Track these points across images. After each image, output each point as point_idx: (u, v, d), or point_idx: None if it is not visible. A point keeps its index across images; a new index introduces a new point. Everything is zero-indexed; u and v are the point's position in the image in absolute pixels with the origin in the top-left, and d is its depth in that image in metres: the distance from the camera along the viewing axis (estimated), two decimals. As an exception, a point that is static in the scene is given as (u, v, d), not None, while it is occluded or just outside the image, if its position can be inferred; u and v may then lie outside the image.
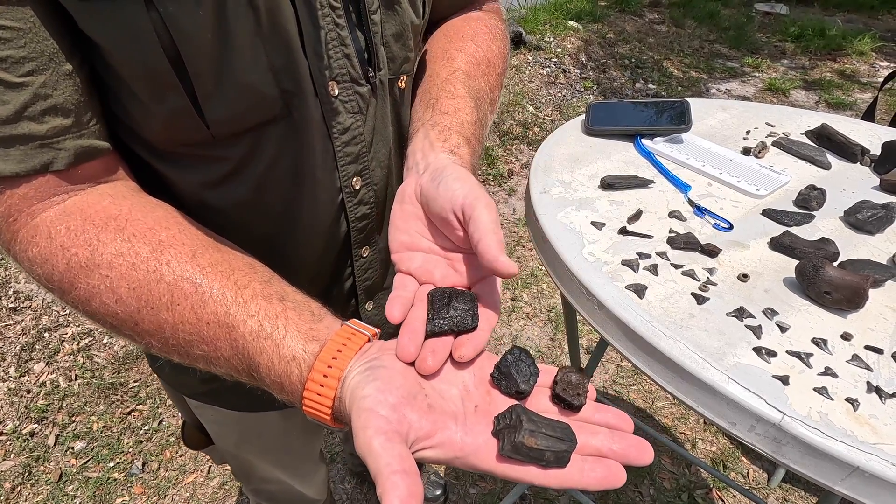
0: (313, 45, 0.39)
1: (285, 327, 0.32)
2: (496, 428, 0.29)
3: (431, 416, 0.29)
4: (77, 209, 0.35)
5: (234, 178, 0.42)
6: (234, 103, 0.37)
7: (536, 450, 0.27)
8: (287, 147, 0.42)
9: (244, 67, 0.36)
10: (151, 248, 0.34)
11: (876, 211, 0.58)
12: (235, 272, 0.35)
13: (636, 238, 0.56)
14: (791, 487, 1.31)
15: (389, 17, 0.43)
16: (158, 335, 0.34)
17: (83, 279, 0.33)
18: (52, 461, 1.31)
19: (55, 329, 1.62)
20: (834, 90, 3.26)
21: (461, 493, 1.29)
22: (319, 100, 0.41)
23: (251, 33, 0.35)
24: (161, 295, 0.33)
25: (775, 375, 0.41)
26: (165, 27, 0.32)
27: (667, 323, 0.45)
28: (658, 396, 1.52)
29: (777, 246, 0.55)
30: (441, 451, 0.29)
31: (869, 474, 0.35)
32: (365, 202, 0.49)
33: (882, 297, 0.50)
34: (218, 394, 0.59)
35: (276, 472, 0.75)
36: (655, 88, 3.14)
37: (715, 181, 0.67)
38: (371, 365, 0.30)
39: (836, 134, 0.75)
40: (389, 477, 0.25)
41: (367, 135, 0.46)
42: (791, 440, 0.38)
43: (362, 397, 0.29)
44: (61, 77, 0.33)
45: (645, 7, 4.24)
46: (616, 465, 0.29)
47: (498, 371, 0.32)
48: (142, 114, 0.37)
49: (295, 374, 0.31)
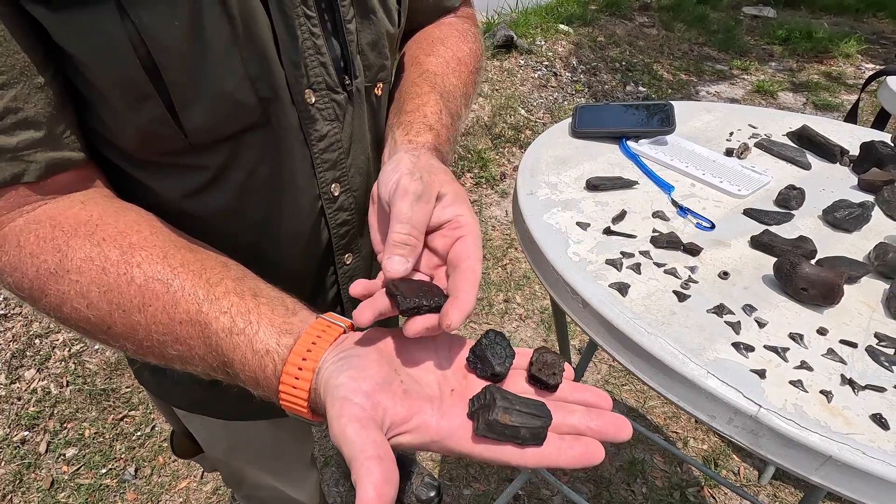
0: (289, 54, 0.39)
1: (258, 322, 0.32)
2: (471, 409, 0.29)
3: (406, 401, 0.29)
4: (47, 217, 0.35)
5: (214, 187, 0.42)
6: (211, 112, 0.37)
7: (511, 427, 0.27)
8: (266, 155, 0.42)
9: (221, 76, 0.36)
10: (122, 251, 0.34)
11: (853, 209, 0.60)
12: (207, 270, 0.35)
13: (620, 238, 0.57)
14: (781, 484, 1.33)
15: (365, 25, 0.44)
16: (132, 338, 0.34)
17: (53, 285, 0.33)
18: (44, 468, 1.30)
19: (46, 335, 1.61)
20: (821, 92, 3.31)
21: (455, 495, 1.29)
22: (296, 107, 0.42)
23: (227, 42, 0.36)
24: (132, 297, 0.33)
25: (753, 369, 0.42)
26: (140, 37, 0.33)
27: (649, 320, 0.46)
28: (650, 396, 1.53)
29: (757, 244, 0.56)
30: (417, 435, 0.29)
31: (841, 463, 0.36)
32: (345, 208, 0.49)
33: (857, 292, 0.51)
34: (205, 404, 0.59)
35: (268, 479, 0.75)
36: (646, 91, 3.17)
37: (698, 182, 0.68)
38: (345, 355, 0.31)
39: (817, 135, 0.77)
40: (364, 463, 0.25)
41: (344, 142, 0.46)
42: (767, 432, 0.39)
43: (336, 386, 0.29)
44: (33, 90, 0.33)
45: (635, 11, 4.29)
46: (594, 442, 0.29)
47: (473, 355, 0.32)
48: (118, 123, 0.37)
49: (269, 367, 0.31)
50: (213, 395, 0.57)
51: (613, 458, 1.38)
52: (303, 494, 0.82)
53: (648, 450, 1.40)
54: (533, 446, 0.28)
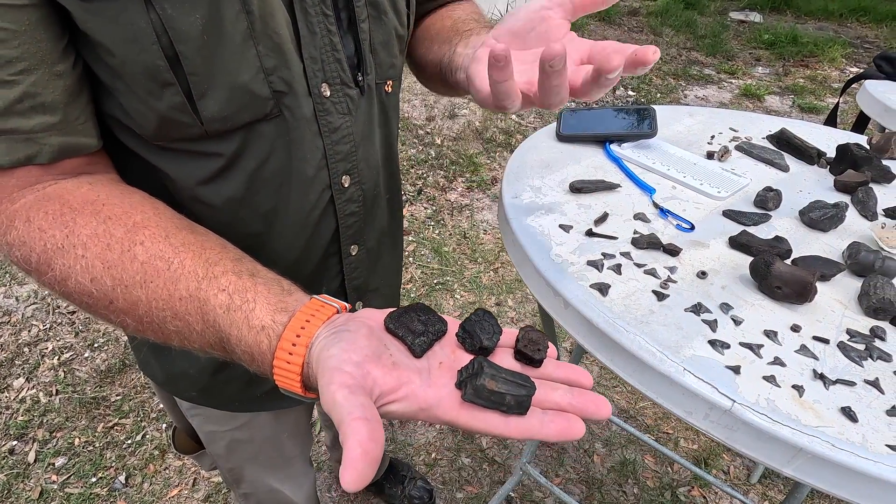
0: (309, 49, 0.42)
1: (255, 300, 0.34)
2: (460, 379, 0.30)
3: (395, 371, 0.30)
4: (56, 195, 0.36)
5: (226, 174, 0.44)
6: (226, 101, 0.39)
7: (497, 393, 0.28)
8: (278, 145, 0.44)
9: (237, 68, 0.38)
10: (126, 229, 0.35)
11: (827, 210, 0.62)
12: (207, 251, 0.36)
13: (602, 239, 0.58)
14: (770, 483, 1.34)
15: (377, 25, 0.47)
16: (133, 313, 0.35)
17: (59, 260, 0.35)
18: (33, 478, 1.29)
19: (35, 344, 1.60)
20: (807, 95, 3.37)
21: (447, 499, 1.30)
22: (312, 99, 0.44)
23: (244, 36, 0.38)
24: (135, 273, 0.34)
25: (728, 366, 0.43)
26: (164, 27, 0.35)
27: (628, 319, 0.48)
28: (641, 397, 1.54)
29: (735, 244, 0.58)
30: (406, 403, 0.30)
31: (812, 455, 0.37)
32: (353, 200, 0.51)
33: (831, 290, 0.52)
34: (210, 394, 0.60)
35: (267, 478, 0.76)
36: (635, 95, 3.20)
37: (679, 184, 0.70)
38: (337, 330, 0.32)
39: (795, 138, 0.79)
40: (351, 423, 0.26)
41: (356, 135, 0.49)
42: (741, 426, 0.40)
43: (328, 357, 0.30)
44: (52, 77, 0.35)
45: (624, 16, 4.34)
46: (575, 418, 0.30)
47: (462, 330, 0.33)
48: (139, 110, 0.38)
49: (264, 343, 0.32)
50: (217, 386, 0.58)
51: (605, 459, 1.39)
52: (300, 495, 0.82)
53: (640, 450, 1.41)
54: (517, 416, 0.29)
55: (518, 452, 1.39)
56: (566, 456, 1.39)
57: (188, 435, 0.73)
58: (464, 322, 0.34)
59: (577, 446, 1.41)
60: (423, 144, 2.57)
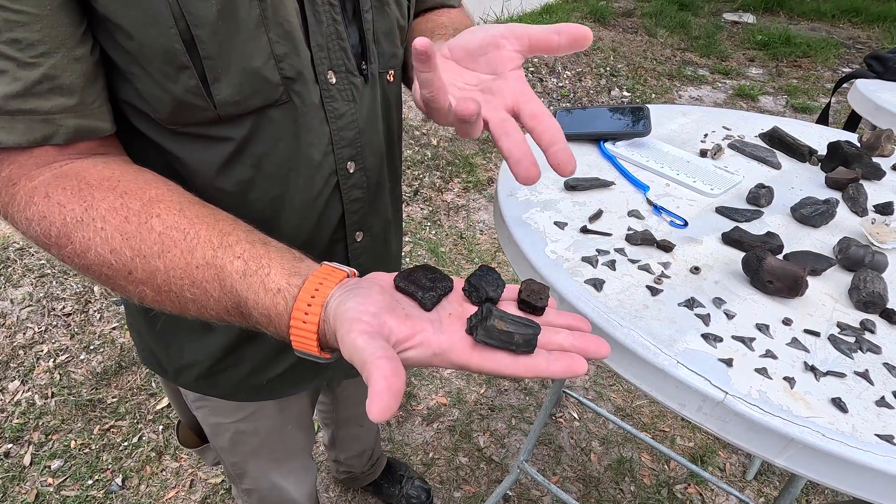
0: (316, 38, 0.43)
1: (269, 265, 0.35)
2: (469, 325, 0.32)
3: (409, 321, 0.32)
4: (73, 172, 0.37)
5: (237, 158, 0.45)
6: (239, 86, 0.41)
7: (507, 332, 0.30)
8: (286, 130, 0.46)
9: (249, 53, 0.40)
10: (142, 203, 0.37)
11: (819, 206, 0.62)
12: (220, 222, 0.38)
13: (596, 236, 0.59)
14: (766, 479, 1.35)
15: (380, 16, 0.48)
16: (151, 282, 0.36)
17: (79, 233, 0.36)
18: (28, 481, 1.29)
19: (30, 346, 1.60)
20: (800, 95, 3.39)
21: (445, 498, 1.30)
22: (319, 86, 0.45)
23: (256, 23, 0.39)
24: (152, 244, 0.36)
25: (720, 359, 0.44)
26: (182, 12, 0.36)
27: (622, 314, 0.48)
28: (637, 396, 1.55)
29: (727, 240, 0.58)
30: (420, 350, 0.31)
31: (803, 445, 0.38)
32: (358, 186, 0.53)
33: (822, 284, 0.53)
34: (215, 383, 0.61)
35: (270, 472, 0.77)
36: (630, 96, 3.22)
37: (672, 182, 0.71)
38: (351, 288, 0.33)
39: (786, 136, 0.80)
40: (374, 361, 0.27)
41: (360, 122, 0.50)
42: (734, 417, 0.40)
43: (345, 310, 0.31)
44: (70, 61, 0.36)
45: (618, 17, 4.36)
46: (578, 356, 0.32)
47: (468, 284, 0.35)
48: (155, 93, 0.40)
49: (281, 304, 0.34)
50: (222, 374, 0.59)
51: (602, 457, 1.39)
52: (302, 491, 0.82)
53: (636, 448, 1.41)
54: (525, 354, 0.31)
55: (515, 451, 1.40)
56: (563, 454, 1.39)
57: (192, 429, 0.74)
58: (469, 277, 0.36)
59: (574, 445, 1.42)
60: (419, 145, 2.57)
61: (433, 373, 1.59)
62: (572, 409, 1.51)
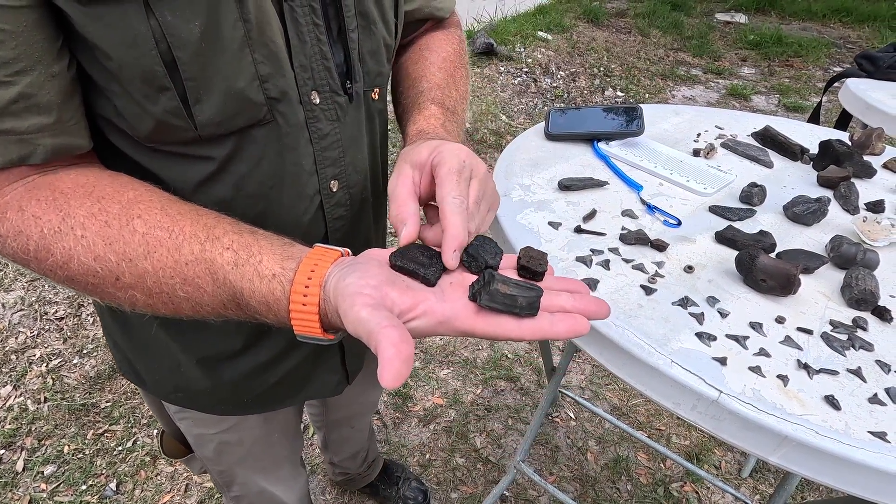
0: (299, 58, 0.43)
1: (260, 253, 0.35)
2: (472, 291, 0.32)
3: (411, 292, 0.32)
4: (45, 183, 0.37)
5: (218, 177, 0.44)
6: (221, 107, 0.40)
7: (510, 296, 0.31)
8: (269, 149, 0.45)
9: (233, 74, 0.39)
10: (121, 205, 0.36)
11: (811, 204, 0.63)
12: (203, 217, 0.37)
13: (590, 236, 0.59)
14: (761, 477, 1.36)
15: (366, 35, 0.48)
16: (141, 286, 0.36)
17: (58, 243, 0.35)
18: (21, 487, 1.27)
19: (22, 351, 1.58)
20: (792, 94, 3.42)
21: (442, 499, 1.30)
22: (303, 107, 0.45)
23: (241, 44, 0.38)
24: (137, 246, 0.35)
25: (714, 357, 0.44)
26: (163, 34, 0.35)
27: (616, 313, 0.48)
28: (633, 395, 1.55)
29: (721, 239, 0.59)
30: (425, 319, 0.31)
31: (796, 443, 0.38)
32: (341, 204, 0.52)
33: (814, 282, 0.54)
34: (197, 398, 0.60)
35: (258, 479, 0.76)
36: (623, 96, 3.23)
37: (666, 181, 0.71)
38: (349, 264, 0.33)
39: (778, 135, 0.80)
40: (381, 330, 0.27)
41: (344, 141, 0.49)
42: (728, 416, 0.40)
43: (345, 286, 0.31)
44: (47, 78, 0.35)
45: (611, 17, 4.38)
46: (580, 317, 0.32)
47: (467, 254, 0.35)
48: (134, 113, 0.39)
49: (278, 289, 0.33)
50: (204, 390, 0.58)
51: (598, 456, 1.39)
52: (292, 496, 0.82)
53: (633, 447, 1.42)
54: (528, 317, 0.31)
55: (512, 451, 1.40)
56: (560, 454, 1.40)
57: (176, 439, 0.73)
58: (467, 247, 0.36)
59: (571, 444, 1.42)
60: (414, 146, 2.57)
61: (429, 374, 1.59)
62: (569, 408, 1.51)
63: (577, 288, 0.35)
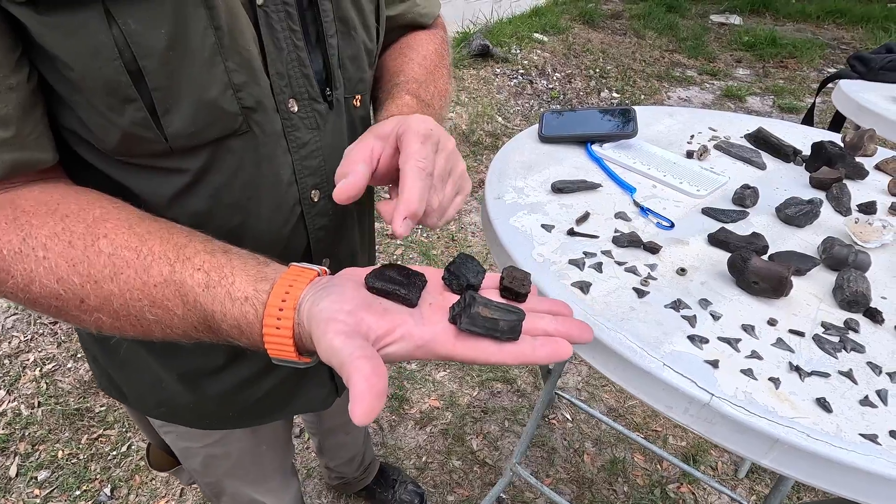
0: (276, 66, 0.41)
1: (233, 274, 0.33)
2: (452, 314, 0.31)
3: (388, 316, 0.31)
4: (6, 201, 0.35)
5: (193, 190, 0.43)
6: (193, 118, 0.38)
7: (491, 319, 0.30)
8: (246, 160, 0.43)
9: (204, 84, 0.37)
10: (86, 224, 0.34)
11: (803, 206, 0.63)
12: (174, 235, 0.35)
13: (583, 238, 0.59)
14: (757, 477, 1.36)
15: (346, 41, 0.46)
16: (107, 308, 0.34)
17: (18, 265, 0.33)
18: (14, 493, 1.26)
19: (16, 355, 1.57)
20: (786, 95, 3.43)
21: (439, 502, 1.29)
22: (280, 115, 0.43)
23: (212, 52, 0.37)
24: (102, 267, 0.33)
25: (706, 360, 0.44)
26: (126, 42, 0.33)
27: (608, 316, 0.48)
28: (629, 396, 1.55)
29: (713, 241, 0.59)
30: (403, 344, 0.30)
31: (788, 446, 0.38)
32: (324, 214, 0.51)
33: (806, 284, 0.54)
34: (181, 413, 0.59)
35: (247, 491, 0.75)
36: (619, 97, 3.24)
37: (659, 183, 0.71)
38: (324, 287, 0.32)
39: (771, 136, 0.81)
40: (353, 362, 0.26)
41: (324, 149, 0.48)
42: (720, 419, 0.40)
43: (319, 311, 0.30)
44: (5, 91, 0.33)
45: (607, 19, 4.39)
46: (562, 341, 0.31)
47: (448, 272, 0.35)
48: (100, 125, 0.37)
49: (251, 313, 0.32)
50: (187, 405, 0.57)
51: (595, 458, 1.39)
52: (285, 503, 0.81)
53: (629, 449, 1.42)
54: (510, 341, 0.31)
55: (508, 454, 1.40)
56: (556, 456, 1.39)
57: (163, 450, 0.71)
58: (448, 265, 0.35)
59: (567, 446, 1.42)
60: (410, 148, 2.57)
61: (425, 376, 1.59)
62: (565, 410, 1.51)
63: (561, 310, 0.35)
